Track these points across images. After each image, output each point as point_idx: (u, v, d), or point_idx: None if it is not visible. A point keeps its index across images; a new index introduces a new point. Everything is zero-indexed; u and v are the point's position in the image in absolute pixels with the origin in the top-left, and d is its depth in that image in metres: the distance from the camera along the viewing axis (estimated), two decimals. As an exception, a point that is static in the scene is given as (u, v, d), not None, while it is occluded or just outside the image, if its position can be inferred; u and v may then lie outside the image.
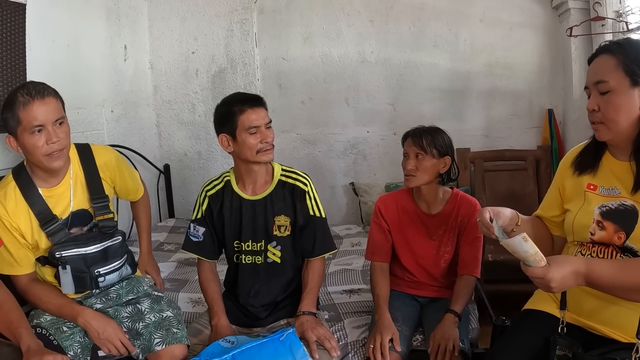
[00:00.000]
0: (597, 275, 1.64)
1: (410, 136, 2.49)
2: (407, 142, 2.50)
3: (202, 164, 4.87)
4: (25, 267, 2.23)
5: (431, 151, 2.43)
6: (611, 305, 1.77)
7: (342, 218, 4.73)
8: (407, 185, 2.51)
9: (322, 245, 2.45)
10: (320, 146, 4.71)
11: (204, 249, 2.47)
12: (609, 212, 1.80)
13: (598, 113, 1.78)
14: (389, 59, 4.50)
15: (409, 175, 2.46)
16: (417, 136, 2.46)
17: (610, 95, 1.73)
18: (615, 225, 1.78)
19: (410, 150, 2.46)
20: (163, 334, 2.19)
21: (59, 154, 2.15)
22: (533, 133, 4.36)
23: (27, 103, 2.05)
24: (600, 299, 1.78)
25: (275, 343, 2.12)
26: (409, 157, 2.46)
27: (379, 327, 2.31)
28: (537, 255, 1.60)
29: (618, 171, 1.83)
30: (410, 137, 2.49)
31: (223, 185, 2.45)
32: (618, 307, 1.76)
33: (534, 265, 1.62)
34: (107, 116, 4.08)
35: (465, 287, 2.45)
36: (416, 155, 2.43)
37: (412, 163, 2.44)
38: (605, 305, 1.79)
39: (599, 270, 1.64)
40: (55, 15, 3.43)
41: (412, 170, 2.44)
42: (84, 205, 2.31)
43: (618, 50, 1.73)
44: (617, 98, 1.72)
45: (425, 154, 2.43)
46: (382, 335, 2.26)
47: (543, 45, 4.26)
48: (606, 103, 1.74)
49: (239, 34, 4.63)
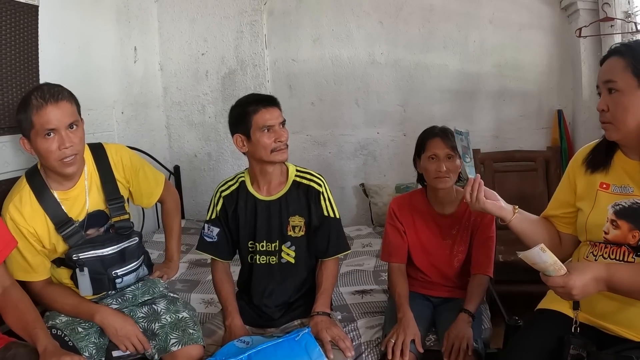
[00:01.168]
0: (618, 280, 1.66)
1: (438, 136, 2.46)
2: (433, 144, 2.46)
3: (212, 165, 4.88)
4: (41, 273, 2.23)
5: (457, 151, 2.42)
6: (625, 306, 1.78)
7: (353, 219, 4.73)
8: (442, 186, 2.46)
9: (336, 246, 2.46)
10: (331, 147, 4.72)
11: (218, 250, 2.48)
12: (622, 210, 1.81)
13: (607, 113, 1.80)
14: (398, 60, 4.50)
15: (444, 177, 2.42)
16: (445, 136, 2.44)
17: (618, 96, 1.76)
18: (629, 224, 1.79)
19: (440, 152, 2.43)
20: (179, 334, 2.20)
21: (72, 159, 2.13)
22: (542, 134, 4.36)
23: (40, 107, 2.04)
24: (613, 300, 1.79)
25: (291, 343, 2.13)
26: (439, 158, 2.42)
27: (403, 325, 2.31)
28: (556, 264, 1.62)
29: (630, 170, 1.84)
30: (438, 138, 2.45)
31: (238, 186, 2.46)
32: (632, 308, 1.77)
33: (554, 275, 1.63)
34: (118, 117, 4.10)
35: (478, 287, 2.46)
36: (447, 156, 2.42)
37: (446, 164, 2.41)
38: (619, 306, 1.79)
39: (620, 275, 1.66)
40: (67, 17, 3.45)
41: (447, 171, 2.41)
42: (100, 206, 2.31)
43: (627, 51, 1.76)
44: (625, 98, 1.74)
45: (455, 154, 2.42)
46: (406, 334, 2.27)
47: (552, 46, 4.26)
48: (615, 103, 1.77)
49: (249, 36, 4.65)
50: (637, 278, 1.66)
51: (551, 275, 1.64)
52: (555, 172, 4.00)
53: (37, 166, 2.26)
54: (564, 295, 1.67)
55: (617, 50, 1.80)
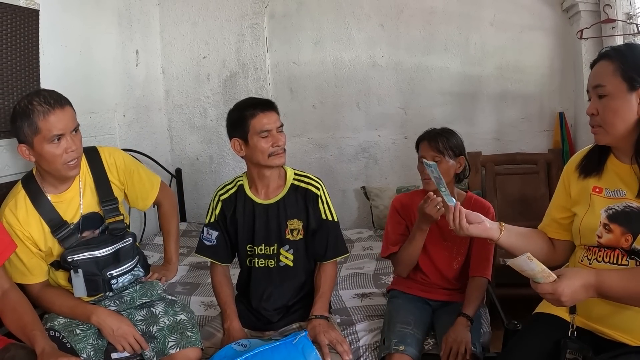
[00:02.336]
0: (608, 287, 1.66)
1: (425, 140, 2.49)
2: (422, 147, 2.50)
3: (214, 168, 4.88)
4: (38, 276, 2.24)
5: (448, 153, 2.44)
6: (621, 310, 1.78)
7: (354, 222, 4.73)
8: (426, 188, 2.48)
9: (335, 249, 2.46)
10: (332, 150, 4.71)
11: (217, 253, 2.48)
12: (615, 214, 1.81)
13: (597, 117, 1.81)
14: (399, 63, 4.50)
15: (429, 179, 2.41)
16: (432, 139, 2.47)
17: (607, 100, 1.76)
18: (622, 228, 1.79)
19: (427, 155, 2.45)
20: (177, 337, 2.20)
21: (76, 162, 2.18)
22: (544, 136, 4.34)
23: (47, 112, 2.06)
24: (609, 304, 1.79)
25: (288, 346, 2.13)
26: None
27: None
28: (544, 272, 1.64)
29: (623, 174, 1.84)
30: (425, 141, 2.49)
31: (236, 190, 2.46)
32: (628, 311, 1.77)
33: (543, 282, 1.64)
34: (119, 120, 4.11)
35: (477, 290, 2.46)
36: (433, 159, 2.42)
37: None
38: (615, 310, 1.79)
39: (610, 282, 1.67)
40: (68, 20, 3.46)
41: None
42: (94, 208, 2.33)
43: (616, 56, 1.77)
44: (614, 102, 1.75)
45: (443, 156, 2.44)
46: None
47: (554, 48, 4.25)
48: (604, 107, 1.78)
49: (250, 39, 4.66)
50: (626, 284, 1.66)
51: (540, 282, 1.65)
52: (557, 175, 3.95)
53: (32, 172, 2.28)
54: (553, 301, 1.67)
55: (607, 54, 1.80)
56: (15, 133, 2.13)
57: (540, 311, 2.05)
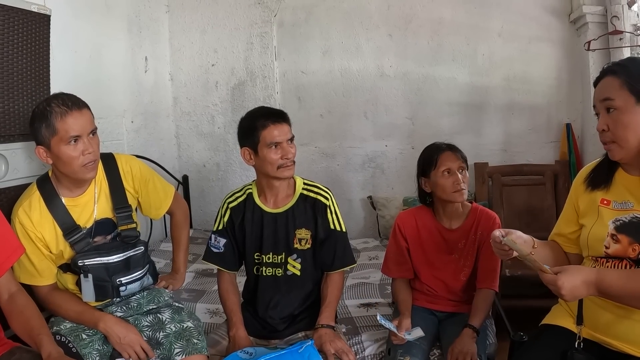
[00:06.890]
0: (608, 284, 1.67)
1: (448, 150, 2.49)
2: (446, 157, 2.48)
3: (221, 175, 4.89)
4: (47, 278, 2.25)
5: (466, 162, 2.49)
6: (626, 320, 1.78)
7: (360, 232, 4.72)
8: (461, 199, 2.47)
9: (342, 259, 2.47)
10: (339, 159, 4.72)
11: (225, 260, 2.49)
12: (622, 225, 1.82)
13: (608, 133, 1.81)
14: (407, 73, 4.51)
15: (462, 190, 2.43)
16: (454, 149, 2.49)
17: (617, 114, 1.77)
18: (629, 238, 1.80)
19: (453, 165, 2.45)
20: (183, 344, 2.20)
21: (93, 164, 2.18)
22: (551, 147, 4.35)
23: (64, 113, 2.08)
24: (615, 314, 1.80)
25: (294, 355, 2.13)
26: (452, 171, 2.44)
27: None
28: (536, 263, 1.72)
29: (631, 185, 1.85)
30: (450, 151, 2.48)
31: (245, 198, 2.47)
32: (633, 322, 1.77)
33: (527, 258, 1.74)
34: (127, 126, 4.13)
35: (484, 301, 2.45)
36: (460, 169, 2.45)
37: (461, 177, 2.44)
38: (621, 320, 1.80)
39: (610, 279, 1.67)
40: (78, 26, 3.48)
41: (463, 184, 2.44)
42: (108, 214, 2.33)
43: (621, 70, 1.78)
44: (624, 117, 1.75)
45: (466, 167, 2.48)
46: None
47: (561, 59, 4.26)
48: (615, 122, 1.78)
49: (259, 47, 4.68)
50: (626, 282, 1.67)
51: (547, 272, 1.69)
52: (564, 186, 3.99)
53: (48, 173, 2.29)
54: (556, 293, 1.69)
55: (611, 69, 1.81)
56: (33, 135, 2.14)
57: (547, 322, 2.05)
